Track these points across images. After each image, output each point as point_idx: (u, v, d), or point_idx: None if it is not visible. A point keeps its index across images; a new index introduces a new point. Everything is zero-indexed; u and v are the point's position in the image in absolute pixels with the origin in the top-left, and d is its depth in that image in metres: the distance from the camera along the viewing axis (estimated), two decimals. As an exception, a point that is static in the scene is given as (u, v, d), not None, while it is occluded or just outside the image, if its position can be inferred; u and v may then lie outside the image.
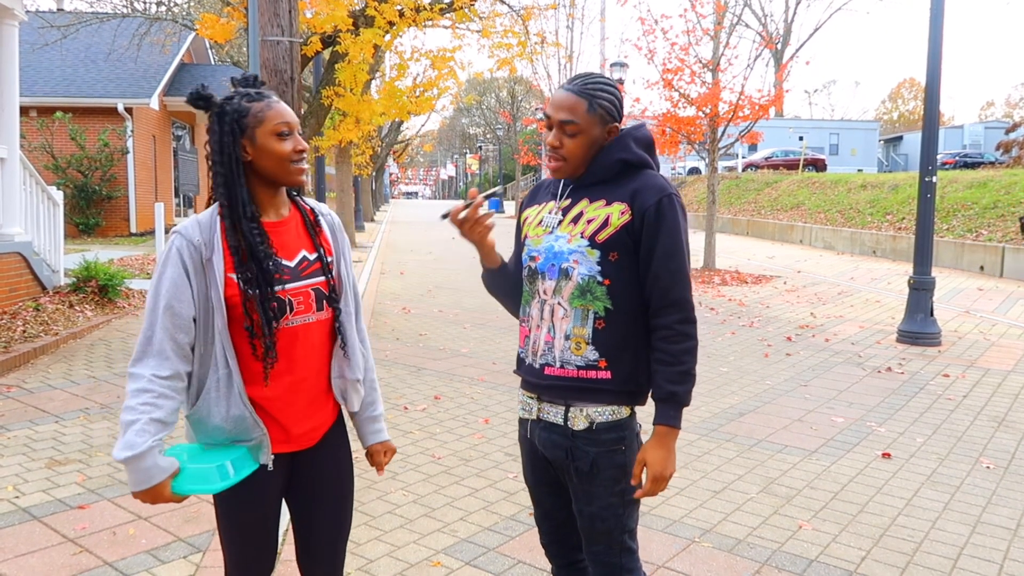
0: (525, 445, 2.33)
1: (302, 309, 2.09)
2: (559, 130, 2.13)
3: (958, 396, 6.59)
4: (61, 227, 10.54)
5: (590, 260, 2.11)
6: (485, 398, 6.41)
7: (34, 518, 4.00)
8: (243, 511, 2.10)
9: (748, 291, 12.72)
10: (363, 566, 3.55)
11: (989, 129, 43.26)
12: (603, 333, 2.11)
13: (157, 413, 1.89)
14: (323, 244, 2.18)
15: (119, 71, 20.01)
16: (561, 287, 2.14)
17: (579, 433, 2.13)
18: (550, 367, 2.16)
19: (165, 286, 1.96)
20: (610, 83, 2.18)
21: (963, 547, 3.83)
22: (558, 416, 2.16)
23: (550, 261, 2.16)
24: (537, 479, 2.31)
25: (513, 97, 53.58)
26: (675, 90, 15.16)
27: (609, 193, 2.14)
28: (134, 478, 1.87)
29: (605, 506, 2.15)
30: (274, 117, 2.03)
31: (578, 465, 2.14)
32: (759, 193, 27.05)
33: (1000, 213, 15.62)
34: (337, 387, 2.22)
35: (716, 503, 4.33)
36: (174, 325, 1.95)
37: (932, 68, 8.56)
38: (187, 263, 1.97)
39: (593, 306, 2.11)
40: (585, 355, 2.12)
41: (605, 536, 2.17)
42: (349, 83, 9.97)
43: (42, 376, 6.81)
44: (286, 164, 2.04)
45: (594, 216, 2.12)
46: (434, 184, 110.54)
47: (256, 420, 2.03)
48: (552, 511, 2.32)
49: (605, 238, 2.10)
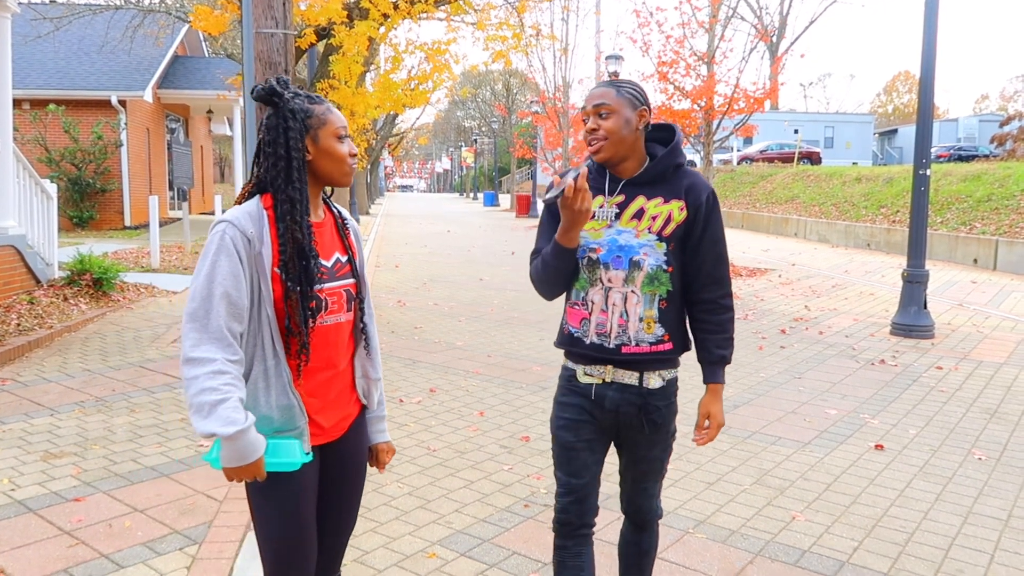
0: (576, 403, 2.50)
1: (335, 309, 2.15)
2: (595, 115, 2.40)
3: (951, 388, 6.62)
4: (55, 220, 10.51)
5: (658, 252, 2.41)
6: (480, 391, 6.42)
7: (29, 510, 4.00)
8: (286, 509, 2.10)
9: (743, 284, 12.74)
10: (359, 557, 3.56)
11: (983, 122, 43.36)
12: (667, 312, 2.44)
13: (241, 393, 1.92)
14: (351, 247, 2.27)
15: (112, 63, 19.93)
16: (634, 277, 2.41)
17: (654, 391, 2.46)
18: (627, 346, 2.42)
19: (221, 274, 1.96)
20: (632, 81, 2.49)
21: (955, 538, 3.86)
22: (633, 379, 2.45)
23: (615, 253, 2.42)
24: (578, 434, 2.50)
25: (508, 90, 53.54)
26: (670, 83, 15.15)
27: (665, 191, 2.44)
28: (234, 454, 1.88)
29: (665, 447, 2.56)
30: (336, 120, 2.12)
31: (652, 418, 2.46)
32: (754, 186, 27.08)
33: (994, 206, 15.66)
34: (360, 386, 2.30)
35: (710, 494, 4.36)
36: (230, 313, 1.96)
37: (927, 61, 8.57)
38: (241, 253, 2.00)
39: (659, 291, 2.42)
40: (655, 332, 2.43)
41: (658, 474, 2.61)
42: (344, 76, 9.94)
43: (37, 369, 6.80)
44: (343, 166, 2.13)
45: (657, 213, 2.42)
46: (429, 177, 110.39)
47: (302, 409, 2.08)
48: (583, 469, 2.50)
49: (670, 232, 2.41)
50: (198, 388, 1.87)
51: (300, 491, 2.11)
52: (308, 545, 2.15)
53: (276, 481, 2.06)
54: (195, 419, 1.87)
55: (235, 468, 1.90)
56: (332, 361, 2.17)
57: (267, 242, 2.03)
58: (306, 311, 2.04)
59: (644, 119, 2.43)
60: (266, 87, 2.08)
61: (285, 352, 2.06)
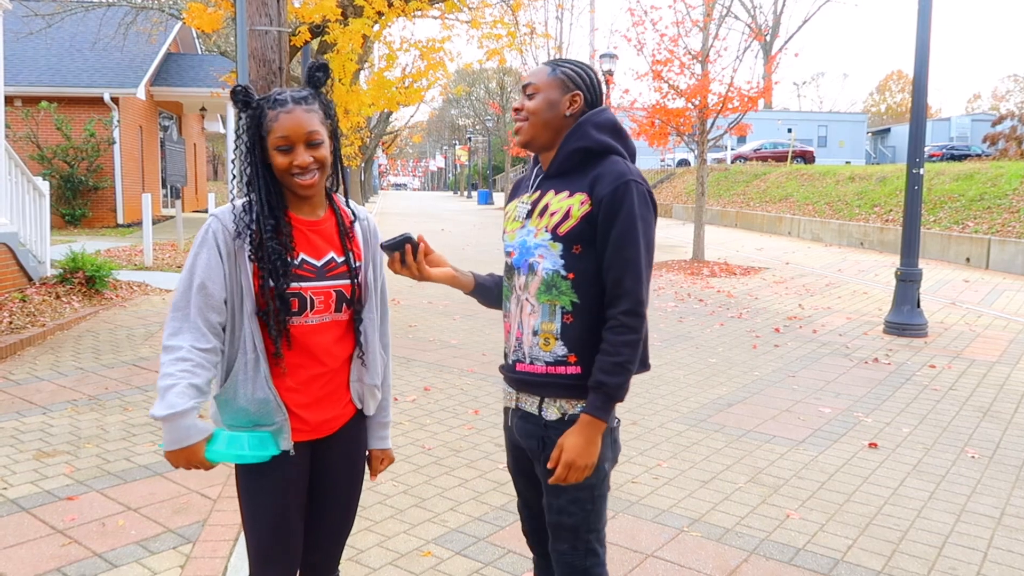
0: (507, 433, 2.36)
1: (321, 308, 2.12)
2: (522, 95, 2.17)
3: (944, 387, 6.64)
4: (47, 218, 10.47)
5: (553, 254, 2.08)
6: (475, 389, 6.41)
7: (22, 509, 3.98)
8: (268, 500, 2.11)
9: (737, 283, 12.76)
10: (354, 556, 3.56)
11: (976, 121, 43.50)
12: (571, 328, 2.08)
13: (196, 380, 1.94)
14: (353, 248, 2.20)
15: (105, 60, 19.86)
16: (528, 283, 2.13)
17: (551, 423, 2.12)
18: (520, 363, 2.17)
19: (200, 266, 2.01)
20: (582, 63, 2.20)
21: (948, 535, 3.87)
22: (533, 406, 2.17)
23: (523, 256, 2.16)
24: (517, 468, 2.34)
25: (502, 88, 53.46)
26: (664, 81, 15.17)
27: (571, 183, 2.11)
28: (170, 437, 1.92)
29: (572, 500, 2.12)
30: (277, 130, 2.03)
31: (548, 454, 2.12)
32: (748, 185, 27.12)
33: (986, 205, 15.71)
34: (355, 390, 2.26)
35: (704, 493, 4.36)
36: (206, 304, 2.00)
37: (920, 60, 8.59)
38: (221, 246, 2.03)
39: (559, 301, 2.08)
40: (553, 351, 2.10)
41: (571, 533, 2.13)
42: (338, 73, 9.94)
43: (29, 367, 6.77)
44: (286, 176, 2.06)
45: (557, 208, 2.10)
46: (423, 175, 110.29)
47: (279, 404, 2.08)
48: (531, 500, 2.35)
49: (567, 230, 2.07)
50: (161, 374, 1.95)
51: (285, 485, 2.11)
52: (290, 538, 2.15)
53: (260, 474, 2.09)
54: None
55: (174, 452, 1.93)
56: (318, 359, 2.14)
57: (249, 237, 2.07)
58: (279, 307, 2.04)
59: (576, 105, 2.13)
60: (236, 88, 2.07)
61: (264, 347, 2.07)
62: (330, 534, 2.28)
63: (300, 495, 2.17)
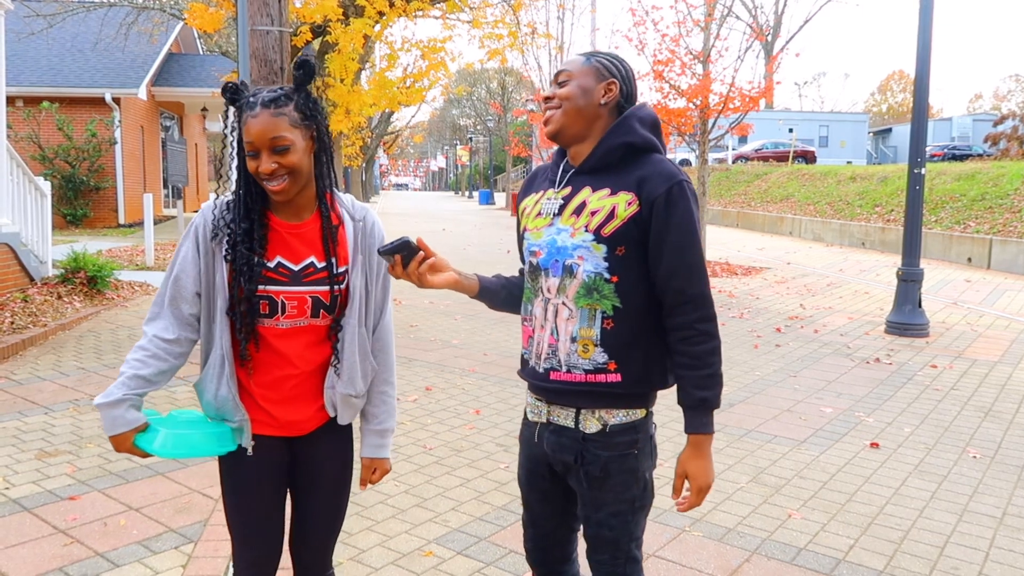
0: (526, 448, 2.21)
1: (294, 313, 2.07)
2: (553, 84, 2.08)
3: (945, 386, 6.64)
4: (49, 218, 10.48)
5: (596, 256, 1.95)
6: (476, 389, 6.42)
7: (24, 509, 3.98)
8: (242, 493, 2.14)
9: (738, 282, 12.76)
10: (355, 556, 3.56)
11: (977, 121, 43.48)
12: (612, 334, 1.97)
13: (143, 371, 2.00)
14: (338, 254, 2.11)
15: (106, 61, 19.87)
16: (566, 286, 1.99)
17: (591, 436, 2.01)
18: (555, 371, 2.03)
19: (179, 257, 2.06)
20: (618, 55, 2.09)
21: (950, 535, 3.87)
22: (568, 419, 2.04)
23: (553, 256, 2.02)
24: (531, 484, 2.20)
25: (504, 88, 53.49)
26: (665, 81, 15.14)
27: (614, 181, 1.98)
28: (104, 423, 1.98)
29: (613, 513, 2.04)
30: (245, 134, 1.96)
31: (588, 469, 2.02)
32: (749, 185, 27.11)
33: (988, 205, 15.70)
34: (327, 397, 2.16)
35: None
36: (178, 295, 2.05)
37: (922, 60, 8.59)
38: (200, 242, 2.05)
39: (600, 305, 1.96)
40: (593, 358, 1.98)
41: (612, 545, 2.06)
42: (339, 73, 9.95)
43: (31, 367, 6.78)
44: (258, 180, 2.00)
45: (599, 207, 1.96)
46: (424, 176, 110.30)
47: (238, 404, 2.08)
48: (540, 519, 2.22)
49: (611, 231, 1.94)
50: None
51: (257, 479, 2.13)
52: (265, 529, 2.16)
53: (232, 466, 2.12)
54: None
55: (109, 437, 1.99)
56: (289, 362, 2.09)
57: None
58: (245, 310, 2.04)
59: (612, 94, 2.02)
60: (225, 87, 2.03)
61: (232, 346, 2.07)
62: (319, 530, 2.26)
63: (275, 489, 2.17)
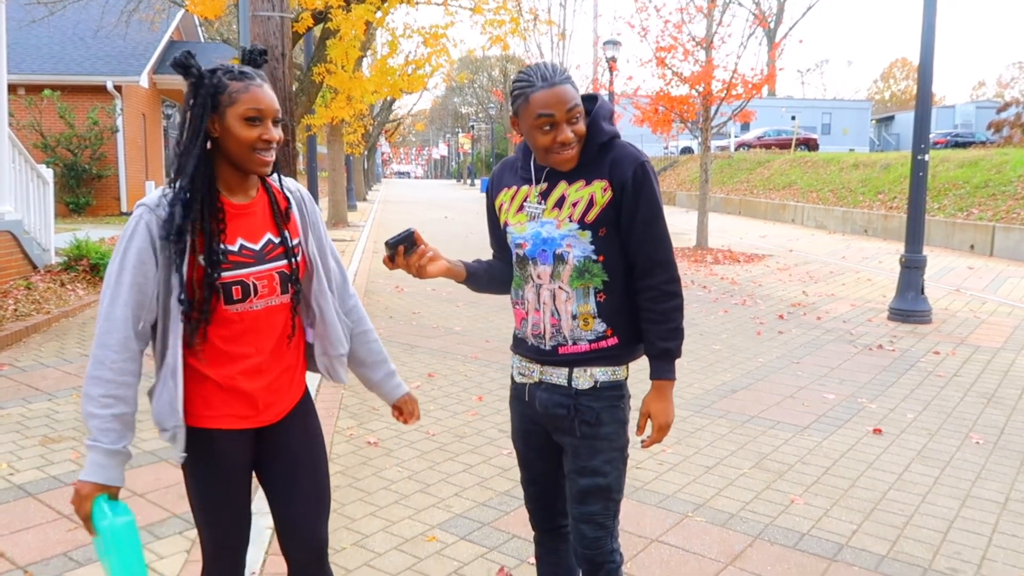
0: (518, 408, 2.39)
1: (266, 292, 2.04)
2: (568, 121, 2.09)
3: (948, 373, 6.64)
4: (51, 206, 10.47)
5: (583, 242, 2.16)
6: (478, 375, 6.42)
7: (29, 495, 4.00)
8: (209, 486, 2.06)
9: (740, 270, 12.74)
10: (358, 541, 3.57)
11: (980, 109, 43.31)
12: (606, 304, 2.19)
13: (118, 408, 1.89)
14: (289, 227, 2.12)
15: (108, 48, 19.81)
16: (560, 272, 2.19)
17: (583, 391, 2.21)
18: (563, 347, 2.22)
19: (131, 261, 1.90)
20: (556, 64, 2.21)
21: (953, 521, 3.87)
22: (561, 378, 2.23)
23: (539, 247, 2.21)
24: (527, 441, 2.39)
25: (506, 76, 53.24)
26: (668, 68, 15.11)
27: (587, 172, 2.17)
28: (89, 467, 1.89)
29: (607, 460, 2.23)
30: (247, 100, 1.93)
31: (584, 418, 2.21)
32: (751, 172, 27.05)
33: (991, 192, 15.66)
34: (322, 364, 2.21)
35: (709, 478, 4.36)
36: (138, 302, 1.91)
37: (926, 47, 8.54)
38: (153, 235, 1.92)
39: (592, 283, 2.18)
40: (594, 328, 2.20)
41: (604, 493, 2.23)
42: (340, 60, 9.90)
43: (35, 354, 6.79)
44: (248, 150, 1.95)
45: (578, 198, 2.16)
46: (426, 164, 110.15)
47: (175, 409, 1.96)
48: (539, 476, 2.41)
49: (594, 218, 2.15)
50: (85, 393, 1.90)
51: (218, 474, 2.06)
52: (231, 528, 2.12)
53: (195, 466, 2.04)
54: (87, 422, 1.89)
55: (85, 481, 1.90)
56: (263, 346, 2.06)
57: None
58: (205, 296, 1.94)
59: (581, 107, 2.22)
60: (176, 58, 1.94)
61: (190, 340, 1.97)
62: (307, 518, 2.18)
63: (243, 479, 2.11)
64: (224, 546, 2.13)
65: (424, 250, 2.19)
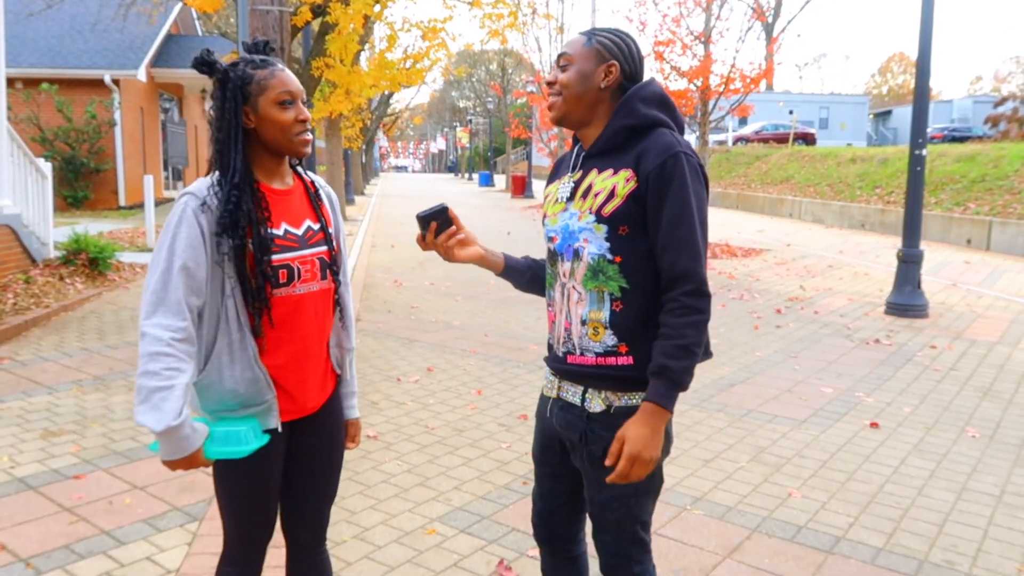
0: (540, 422, 2.22)
1: (308, 277, 2.09)
2: (555, 67, 2.04)
3: (945, 367, 6.67)
4: (50, 199, 10.47)
5: (598, 237, 1.94)
6: (478, 369, 6.44)
7: (30, 488, 4.02)
8: (247, 479, 2.08)
9: (738, 264, 12.77)
10: (358, 534, 3.59)
11: (977, 103, 43.27)
12: (621, 316, 1.94)
13: (184, 378, 1.85)
14: (324, 215, 2.20)
15: (105, 42, 19.77)
16: (575, 269, 1.99)
17: (595, 416, 1.99)
18: (572, 355, 2.02)
19: (181, 245, 1.90)
20: (621, 31, 2.04)
21: (949, 513, 3.90)
22: (576, 396, 2.04)
23: (566, 241, 2.01)
24: (543, 459, 2.21)
25: (503, 70, 53.24)
26: (666, 62, 15.10)
27: (616, 161, 1.96)
28: (170, 448, 1.84)
29: (616, 495, 2.00)
30: (277, 85, 2.01)
31: (591, 449, 1.99)
32: (749, 167, 27.06)
33: (988, 187, 15.69)
34: (334, 356, 2.26)
35: (707, 471, 4.39)
36: (188, 287, 1.90)
37: (924, 42, 8.55)
38: (202, 224, 1.94)
39: (607, 287, 1.94)
40: (603, 341, 1.96)
41: (615, 526, 2.04)
42: (339, 54, 9.90)
43: (34, 348, 6.80)
44: (288, 133, 2.01)
45: (601, 188, 1.94)
46: (424, 158, 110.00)
47: (269, 382, 2.02)
48: (548, 495, 2.23)
49: (611, 211, 1.91)
50: (144, 370, 1.82)
51: (259, 467, 2.07)
52: (268, 519, 2.15)
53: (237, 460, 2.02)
54: (135, 401, 1.83)
55: (173, 460, 1.86)
56: (306, 332, 2.09)
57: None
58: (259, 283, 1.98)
59: (612, 76, 1.98)
60: (197, 57, 2.00)
61: (250, 323, 2.00)
62: (317, 505, 2.25)
63: (277, 472, 2.14)
64: (249, 541, 2.15)
65: (455, 230, 2.06)
